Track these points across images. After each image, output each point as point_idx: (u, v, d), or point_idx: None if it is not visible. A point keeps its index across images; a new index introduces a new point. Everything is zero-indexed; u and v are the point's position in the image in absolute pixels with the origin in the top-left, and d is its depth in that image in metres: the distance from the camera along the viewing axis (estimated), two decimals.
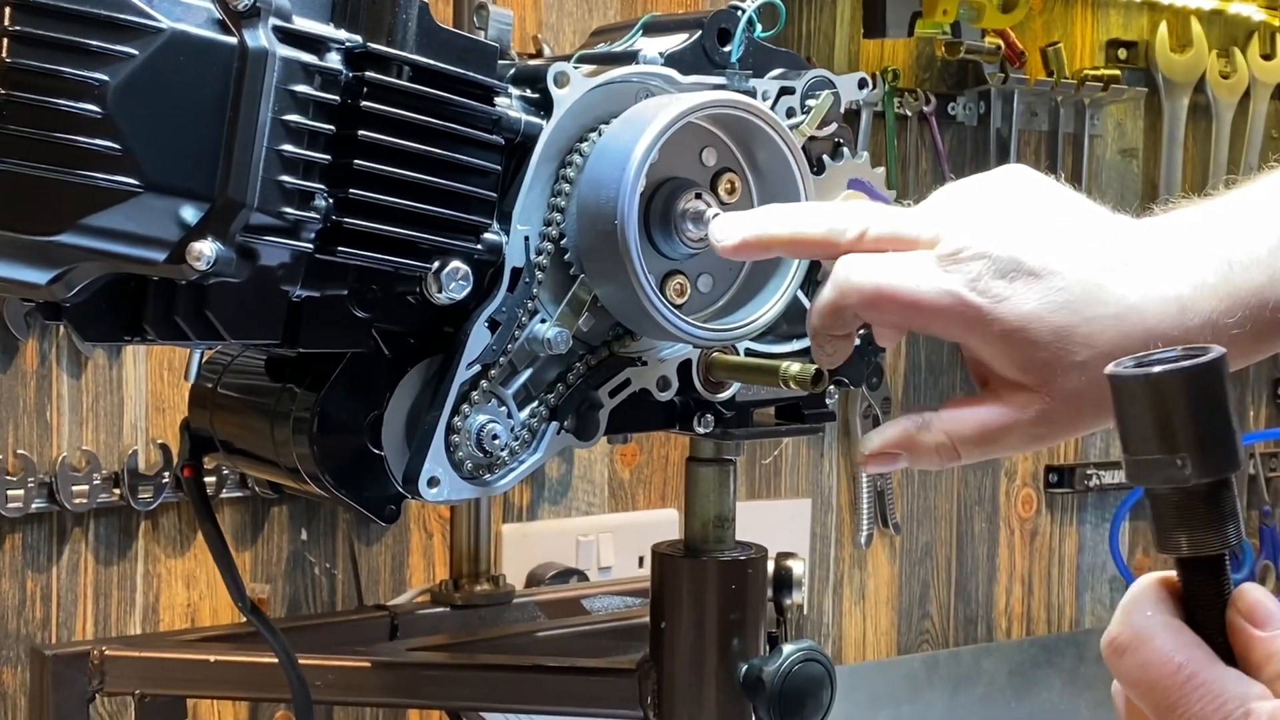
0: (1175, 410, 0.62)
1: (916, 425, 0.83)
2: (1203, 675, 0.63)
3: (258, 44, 0.88)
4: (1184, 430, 0.62)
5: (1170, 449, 0.62)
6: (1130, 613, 0.66)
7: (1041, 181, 0.84)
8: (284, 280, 0.94)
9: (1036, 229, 0.81)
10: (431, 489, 1.01)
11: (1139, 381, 0.63)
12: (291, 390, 1.05)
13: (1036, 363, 0.78)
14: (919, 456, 0.83)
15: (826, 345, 0.89)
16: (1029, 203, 0.83)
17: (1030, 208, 0.82)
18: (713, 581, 1.21)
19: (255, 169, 0.88)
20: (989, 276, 0.79)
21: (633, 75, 1.07)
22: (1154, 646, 0.64)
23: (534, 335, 1.04)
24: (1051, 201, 0.83)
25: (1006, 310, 0.79)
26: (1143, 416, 0.63)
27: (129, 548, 1.60)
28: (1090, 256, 0.80)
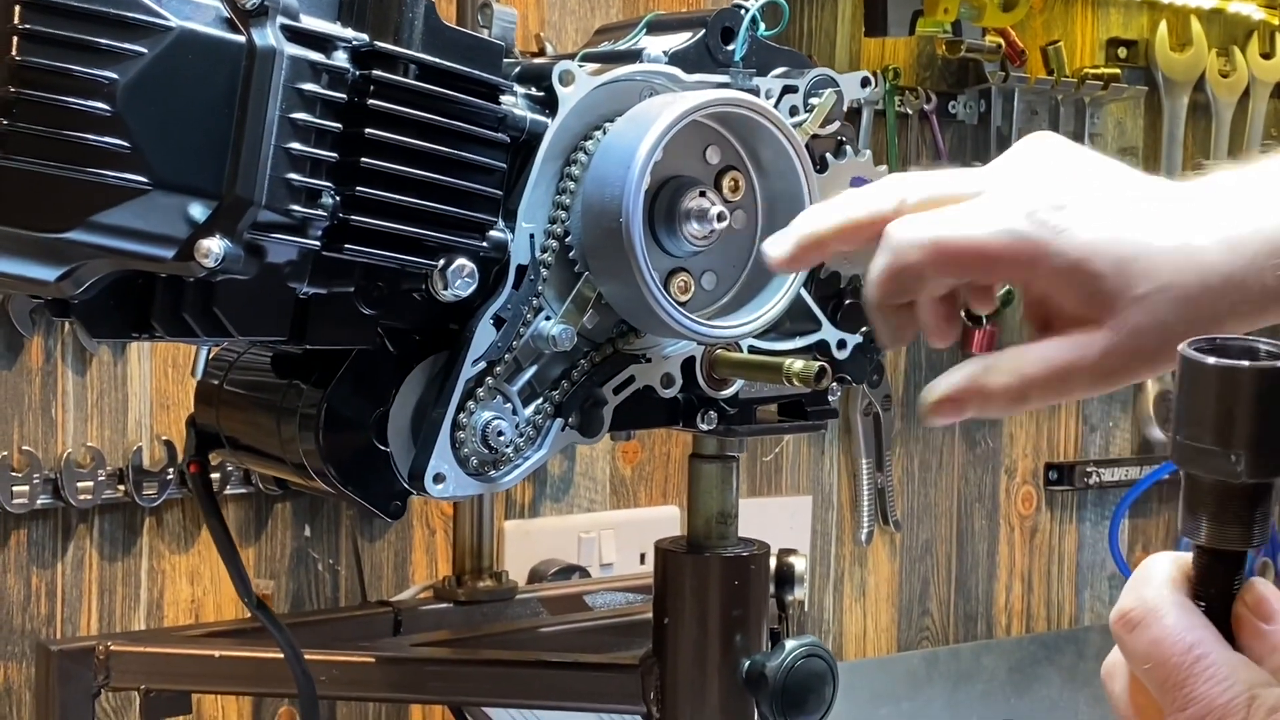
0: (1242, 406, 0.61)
1: (983, 368, 0.80)
2: (1213, 656, 0.63)
3: (265, 42, 0.89)
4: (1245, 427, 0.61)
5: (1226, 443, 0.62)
6: (1143, 588, 0.66)
7: (1072, 144, 0.84)
8: (291, 277, 0.94)
9: (1083, 174, 0.81)
10: (437, 485, 1.02)
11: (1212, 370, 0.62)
12: (298, 387, 1.05)
13: (1100, 295, 0.77)
14: (988, 401, 0.80)
15: (889, 317, 0.85)
16: (1068, 157, 0.82)
17: (1071, 160, 0.82)
18: (715, 577, 1.22)
19: (263, 167, 0.89)
20: (1044, 210, 0.78)
21: (637, 74, 1.08)
22: (1167, 624, 0.64)
23: (539, 332, 1.04)
24: (1089, 156, 0.83)
25: (1067, 241, 0.78)
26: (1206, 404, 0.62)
27: (134, 544, 1.60)
28: (1143, 192, 0.80)
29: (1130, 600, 0.66)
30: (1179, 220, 0.78)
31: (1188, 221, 0.78)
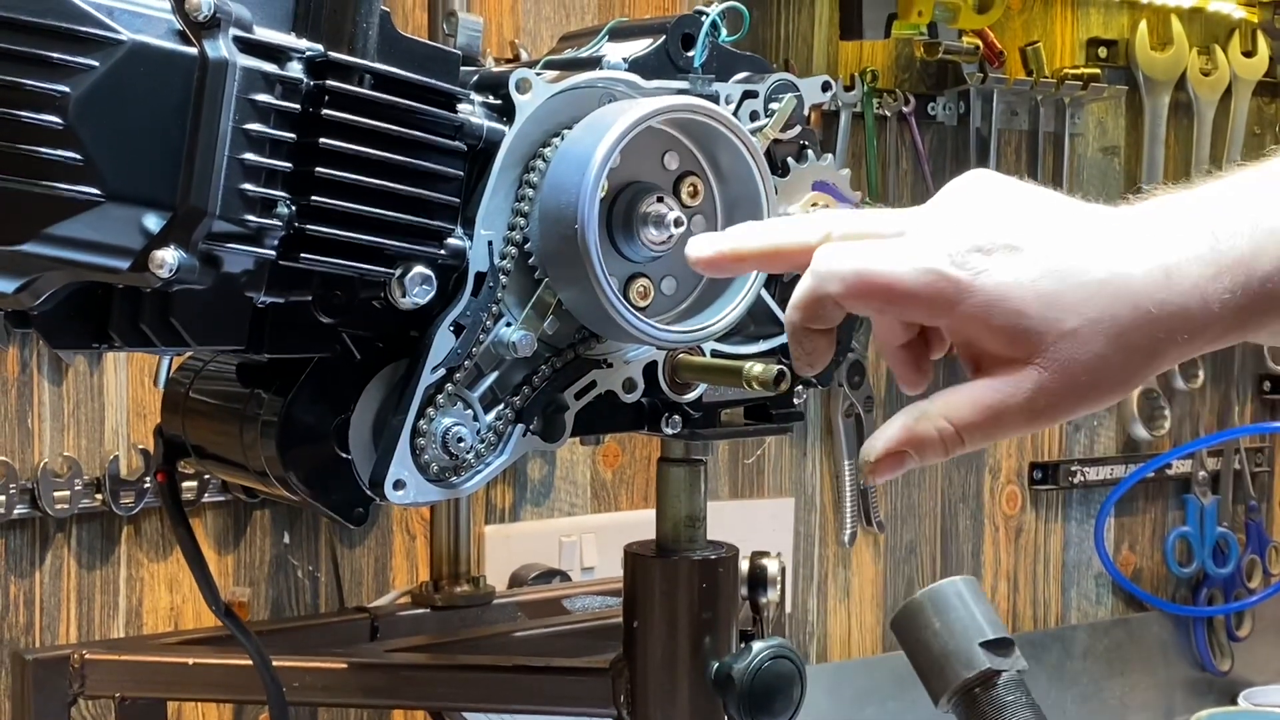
0: None
1: (915, 418, 0.80)
2: None
3: (218, 54, 0.89)
4: None
5: None
6: None
7: (1008, 179, 0.84)
8: (248, 287, 0.94)
9: (1011, 212, 0.80)
10: (397, 491, 1.01)
11: None
12: (260, 395, 1.05)
13: (1024, 332, 0.77)
14: (925, 450, 0.79)
15: (805, 343, 0.86)
16: (999, 195, 0.82)
17: (1001, 199, 0.82)
18: (684, 581, 1.22)
19: (217, 177, 0.89)
20: (966, 251, 0.78)
21: (596, 80, 1.08)
22: None
23: (499, 339, 1.04)
24: (1022, 192, 0.82)
25: (988, 280, 0.77)
26: None
27: (111, 552, 1.60)
28: (1070, 231, 0.79)
29: None
30: (1112, 249, 0.78)
31: (1122, 250, 0.77)
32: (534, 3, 1.81)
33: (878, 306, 0.82)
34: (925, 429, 0.79)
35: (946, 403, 0.80)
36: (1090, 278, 0.76)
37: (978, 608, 0.77)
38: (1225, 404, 2.53)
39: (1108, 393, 0.78)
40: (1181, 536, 2.48)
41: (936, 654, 0.74)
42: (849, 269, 0.80)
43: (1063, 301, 0.76)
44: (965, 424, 0.79)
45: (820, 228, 0.85)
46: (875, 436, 0.81)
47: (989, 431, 0.79)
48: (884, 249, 0.81)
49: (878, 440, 0.81)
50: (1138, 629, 2.45)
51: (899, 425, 0.80)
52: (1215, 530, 2.48)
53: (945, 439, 0.79)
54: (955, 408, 0.79)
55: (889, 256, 0.80)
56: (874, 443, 0.81)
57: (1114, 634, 2.43)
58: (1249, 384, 2.55)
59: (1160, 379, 2.41)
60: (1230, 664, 2.51)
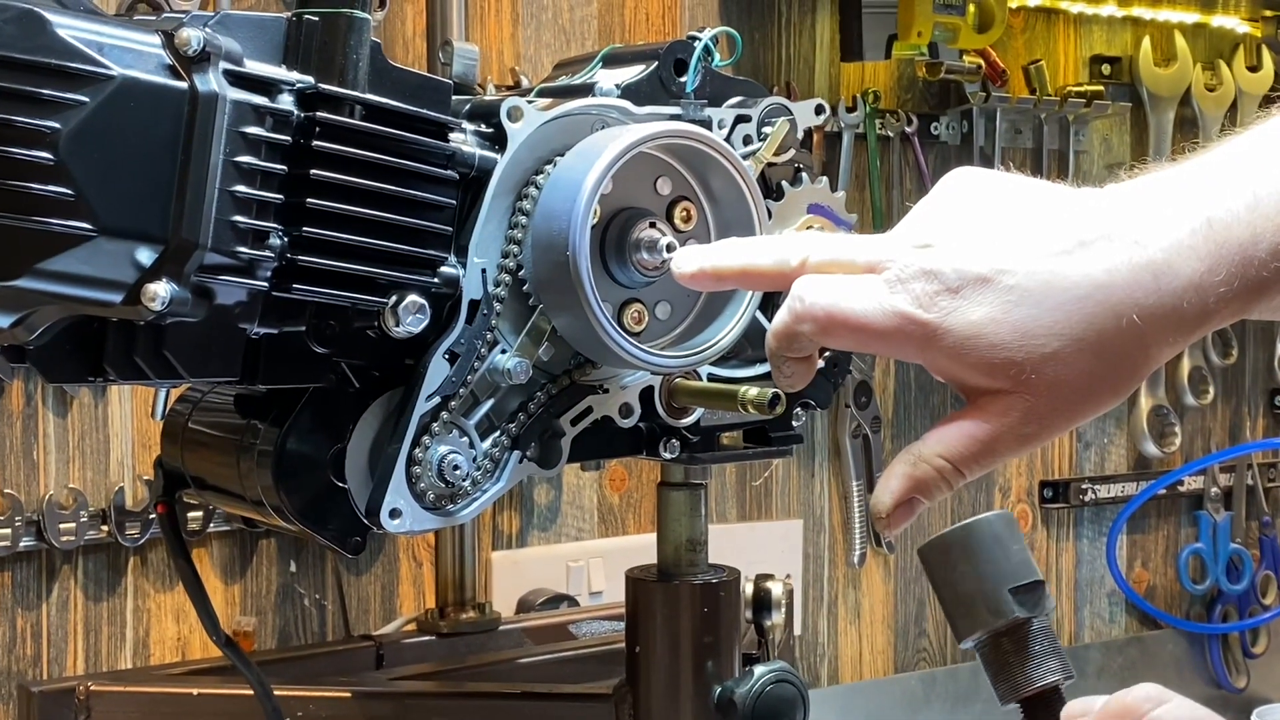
0: None
1: (911, 464, 0.80)
2: None
3: (208, 88, 0.89)
4: None
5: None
6: None
7: (987, 178, 0.82)
8: (241, 318, 0.95)
9: (983, 230, 0.79)
10: (394, 520, 1.01)
11: None
12: (256, 425, 1.05)
13: (1004, 364, 0.76)
14: (929, 491, 0.80)
15: (784, 367, 0.86)
16: (976, 204, 0.80)
17: (977, 208, 0.80)
18: (686, 605, 1.22)
19: (208, 210, 0.89)
20: (934, 293, 0.77)
21: (589, 108, 1.08)
22: None
23: (494, 366, 1.04)
24: (999, 196, 0.81)
25: (957, 321, 0.77)
26: None
27: (118, 584, 1.60)
28: (1042, 244, 0.77)
29: None
30: (1093, 254, 0.76)
31: (1104, 253, 0.75)
32: (534, 30, 1.82)
33: (850, 346, 0.83)
34: (925, 472, 0.80)
35: (939, 440, 0.80)
36: (1068, 295, 0.75)
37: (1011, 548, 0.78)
38: (1236, 419, 2.51)
39: (1099, 404, 0.78)
40: (1195, 553, 2.47)
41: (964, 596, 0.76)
42: (821, 308, 0.81)
43: (1039, 326, 0.76)
44: (961, 458, 0.79)
45: (798, 251, 0.85)
46: (880, 491, 0.82)
47: (984, 462, 0.80)
48: (856, 288, 0.80)
49: (884, 496, 0.81)
50: (1152, 647, 2.44)
51: (899, 475, 0.81)
52: (1228, 546, 2.47)
53: (946, 476, 0.80)
54: (949, 444, 0.80)
55: (859, 296, 0.80)
56: (881, 499, 0.82)
57: (1128, 652, 2.43)
58: (1260, 399, 2.54)
59: (1170, 395, 2.40)
60: (1246, 681, 2.50)
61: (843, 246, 0.84)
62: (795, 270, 0.85)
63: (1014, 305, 0.76)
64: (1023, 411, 0.77)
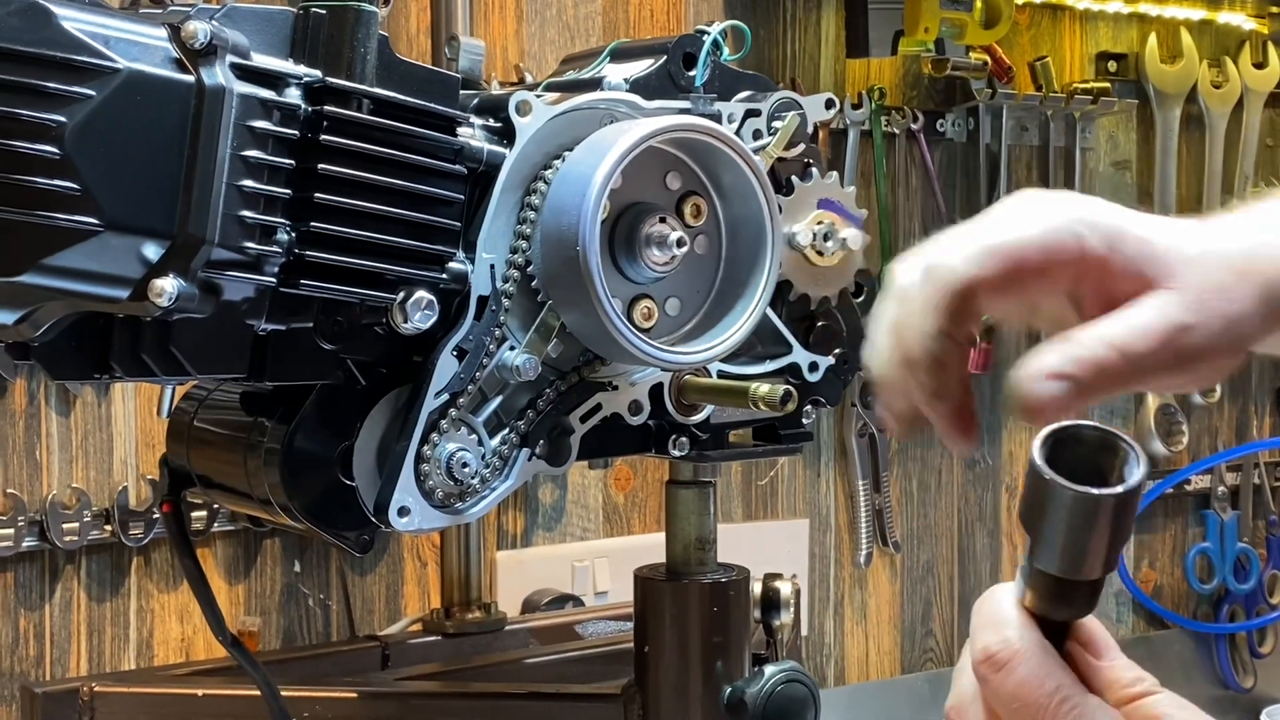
0: None
1: (1064, 343, 0.71)
2: (1074, 700, 0.66)
3: (215, 81, 0.89)
4: None
5: None
6: (1005, 629, 0.68)
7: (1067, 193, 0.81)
8: (248, 314, 0.94)
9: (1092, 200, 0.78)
10: (402, 518, 1.01)
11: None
12: (263, 423, 1.05)
13: (1153, 257, 0.73)
14: (1091, 377, 0.70)
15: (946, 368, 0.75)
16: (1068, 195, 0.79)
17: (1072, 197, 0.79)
18: (694, 604, 1.21)
19: (215, 205, 0.89)
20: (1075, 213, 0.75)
21: (597, 102, 1.08)
22: (1033, 665, 0.66)
23: (503, 362, 1.04)
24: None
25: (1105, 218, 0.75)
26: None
27: (121, 584, 1.59)
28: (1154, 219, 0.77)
29: (994, 641, 0.67)
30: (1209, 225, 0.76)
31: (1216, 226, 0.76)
32: (538, 26, 1.81)
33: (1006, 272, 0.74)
34: (1083, 349, 0.71)
35: (1094, 326, 0.72)
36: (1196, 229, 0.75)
37: None
38: (1243, 418, 2.50)
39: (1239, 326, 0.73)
40: (1202, 552, 2.45)
41: None
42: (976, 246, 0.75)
43: (1178, 231, 0.75)
44: (1125, 344, 0.71)
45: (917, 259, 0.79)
46: (1023, 367, 0.71)
47: (1145, 353, 0.71)
48: (992, 223, 0.76)
49: (1030, 367, 0.70)
50: (1159, 647, 2.42)
51: (1051, 351, 0.71)
52: (1236, 546, 2.45)
53: (1104, 363, 0.70)
54: (1108, 330, 0.71)
55: (1000, 225, 0.75)
56: (1027, 370, 0.70)
57: (1135, 653, 2.25)
58: (1267, 398, 2.53)
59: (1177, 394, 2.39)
60: (1253, 681, 2.48)
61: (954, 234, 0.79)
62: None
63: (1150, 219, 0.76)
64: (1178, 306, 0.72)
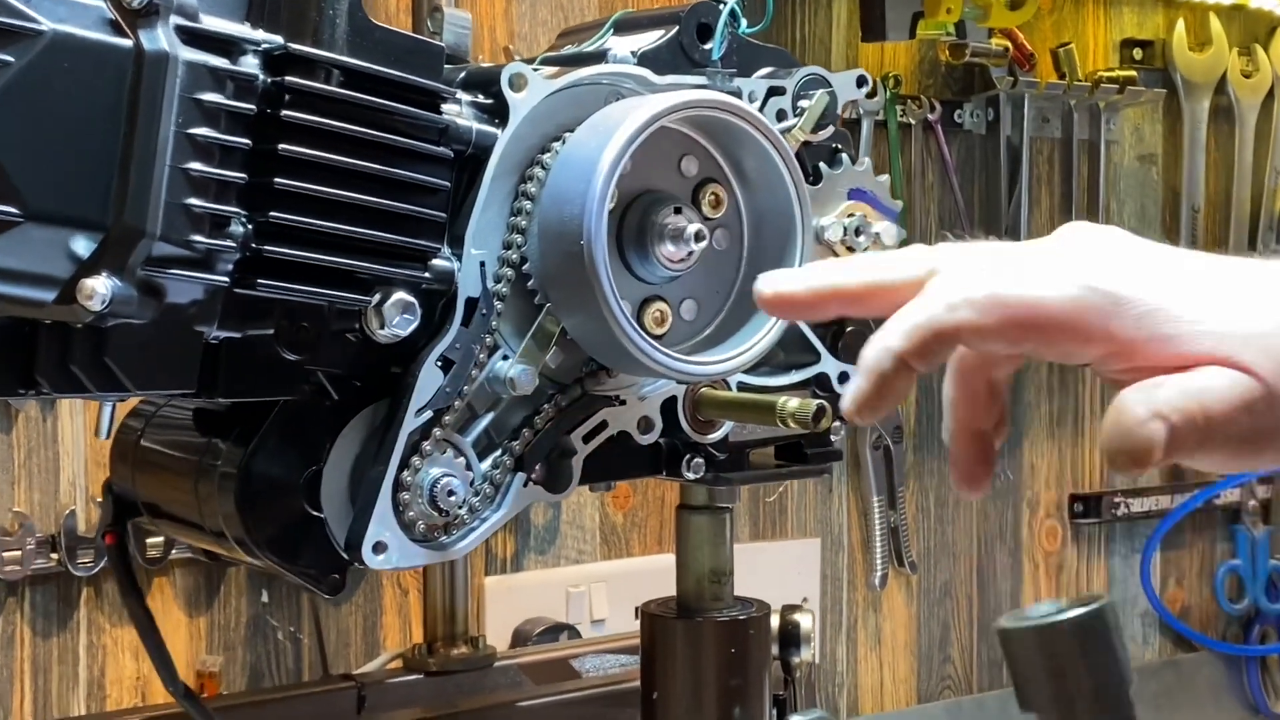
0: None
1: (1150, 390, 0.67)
2: None
3: (156, 46, 0.83)
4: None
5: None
6: None
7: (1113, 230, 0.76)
8: (197, 320, 0.87)
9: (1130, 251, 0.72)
10: (377, 555, 0.93)
11: None
12: (217, 444, 0.97)
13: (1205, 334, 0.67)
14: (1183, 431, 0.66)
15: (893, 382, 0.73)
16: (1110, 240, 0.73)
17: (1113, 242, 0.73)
18: (710, 645, 1.14)
19: (157, 192, 0.83)
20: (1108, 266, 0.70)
21: (601, 76, 1.01)
22: None
23: (495, 374, 0.98)
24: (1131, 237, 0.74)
25: (1145, 290, 0.68)
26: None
27: (70, 617, 1.51)
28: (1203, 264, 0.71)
29: None
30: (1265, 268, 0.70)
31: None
32: (529, 5, 1.75)
33: (1017, 336, 0.71)
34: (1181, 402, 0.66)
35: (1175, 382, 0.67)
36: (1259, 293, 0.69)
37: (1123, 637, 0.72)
38: None
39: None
40: (1232, 570, 2.44)
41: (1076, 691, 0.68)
42: (983, 290, 0.70)
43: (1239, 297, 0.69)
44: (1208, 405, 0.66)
45: (924, 263, 0.76)
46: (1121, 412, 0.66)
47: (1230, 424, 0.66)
48: (1018, 267, 0.71)
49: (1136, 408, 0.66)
50: (1187, 671, 2.41)
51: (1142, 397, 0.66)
52: (1268, 563, 2.44)
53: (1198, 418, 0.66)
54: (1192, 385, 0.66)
55: (1027, 274, 0.71)
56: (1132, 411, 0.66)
57: (1163, 677, 2.40)
58: None
59: None
60: None
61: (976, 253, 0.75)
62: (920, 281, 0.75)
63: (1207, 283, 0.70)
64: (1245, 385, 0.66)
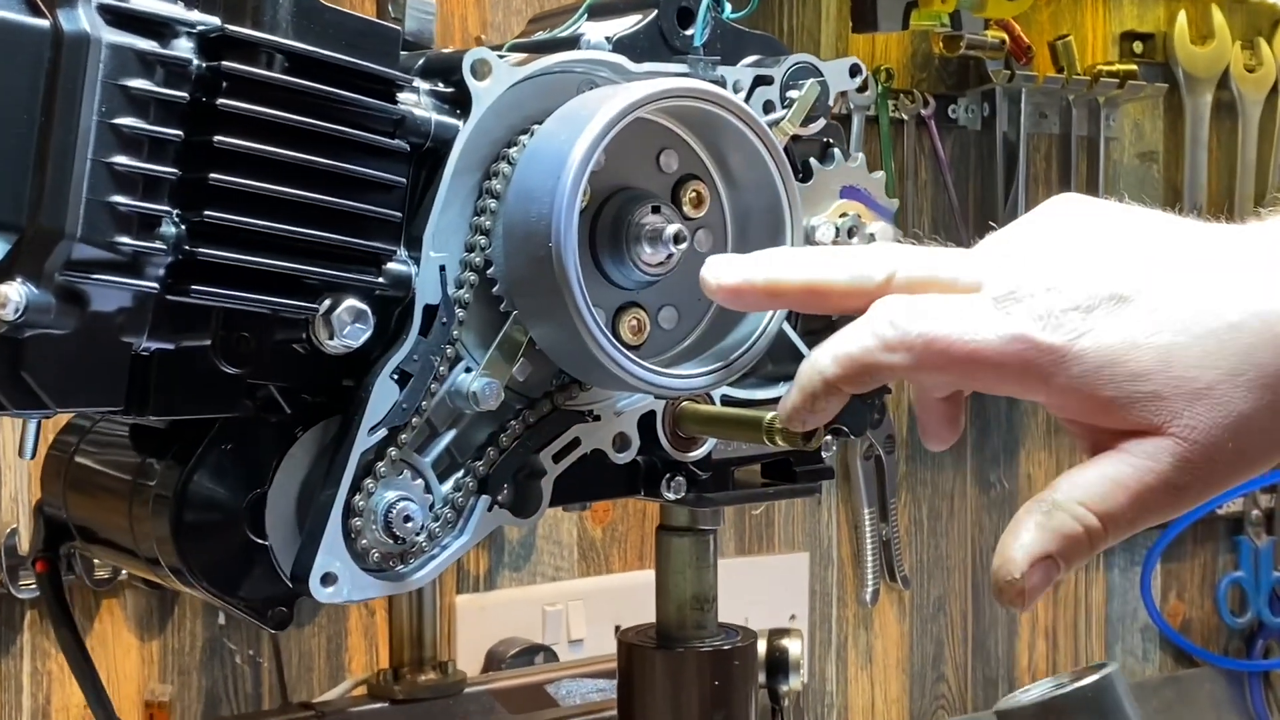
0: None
1: (1046, 513, 0.71)
2: None
3: (77, 27, 0.78)
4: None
5: None
6: None
7: (1100, 203, 0.77)
8: (124, 330, 0.82)
9: (1112, 248, 0.72)
10: (326, 587, 0.87)
11: None
12: (151, 464, 0.91)
13: (1147, 399, 0.69)
14: (1071, 550, 0.70)
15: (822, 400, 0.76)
16: (1094, 225, 0.74)
17: (1098, 229, 0.74)
18: (692, 677, 1.10)
19: (77, 189, 0.78)
20: (1060, 311, 0.70)
21: (573, 64, 0.96)
22: None
23: (456, 388, 0.92)
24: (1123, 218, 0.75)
25: (1090, 344, 0.69)
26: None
27: (12, 642, 1.45)
28: (1188, 263, 0.71)
29: None
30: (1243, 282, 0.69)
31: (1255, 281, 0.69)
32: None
33: (955, 378, 0.75)
34: (1064, 524, 0.69)
35: (1075, 486, 0.70)
36: (1221, 322, 0.69)
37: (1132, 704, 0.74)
38: None
39: (1259, 459, 0.70)
40: (1234, 583, 2.43)
41: None
42: (918, 334, 0.72)
43: (1190, 355, 0.69)
44: (1109, 512, 0.69)
45: (882, 265, 0.77)
46: (1006, 547, 0.70)
47: (1135, 519, 0.70)
48: (959, 309, 0.72)
49: (1015, 552, 0.69)
50: (1189, 687, 2.42)
51: (1034, 526, 0.70)
52: (1271, 575, 2.43)
53: (1092, 535, 0.69)
54: (1089, 491, 0.70)
55: (966, 319, 0.72)
56: (1010, 557, 0.70)
57: (1163, 694, 2.41)
58: None
59: None
60: None
61: (937, 260, 0.76)
62: (878, 288, 0.76)
63: (1157, 329, 0.69)
64: (1174, 459, 0.69)
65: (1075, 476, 0.70)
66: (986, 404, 2.09)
